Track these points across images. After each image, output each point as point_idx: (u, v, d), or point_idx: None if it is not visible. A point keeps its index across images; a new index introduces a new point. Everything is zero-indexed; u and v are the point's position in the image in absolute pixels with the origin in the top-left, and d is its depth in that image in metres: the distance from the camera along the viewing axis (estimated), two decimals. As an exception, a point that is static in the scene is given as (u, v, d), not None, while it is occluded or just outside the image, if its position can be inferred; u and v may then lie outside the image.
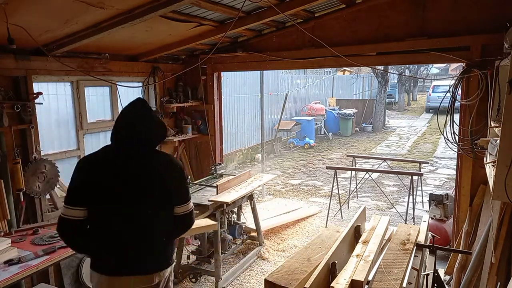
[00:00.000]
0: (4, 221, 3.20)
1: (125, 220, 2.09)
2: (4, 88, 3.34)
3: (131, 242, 2.12)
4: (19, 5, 2.55)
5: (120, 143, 2.18)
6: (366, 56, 4.33)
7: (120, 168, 2.11)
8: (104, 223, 2.10)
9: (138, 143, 2.15)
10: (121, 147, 2.17)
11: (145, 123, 2.16)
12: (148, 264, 2.15)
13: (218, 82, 5.53)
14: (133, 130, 2.15)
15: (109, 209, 2.08)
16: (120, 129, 2.17)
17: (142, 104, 2.22)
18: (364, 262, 2.25)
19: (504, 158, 1.99)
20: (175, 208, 2.22)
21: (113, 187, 2.07)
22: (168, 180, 2.18)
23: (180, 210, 2.23)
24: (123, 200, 2.09)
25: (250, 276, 4.44)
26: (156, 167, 2.17)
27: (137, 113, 2.18)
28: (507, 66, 2.50)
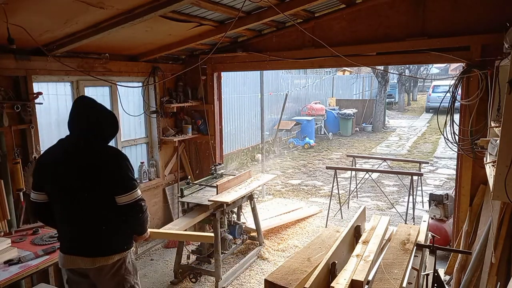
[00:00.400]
0: (4, 221, 3.20)
1: (63, 207, 2.37)
2: (4, 88, 3.34)
3: (70, 227, 2.39)
4: (19, 5, 2.55)
5: (67, 136, 2.43)
6: (366, 56, 4.33)
7: (59, 159, 2.35)
8: (53, 207, 2.40)
9: (76, 137, 2.38)
10: (66, 140, 2.42)
11: (84, 122, 2.36)
12: (90, 248, 2.36)
13: (218, 82, 5.53)
14: (72, 125, 2.39)
15: (52, 195, 2.38)
16: (69, 124, 2.41)
17: (84, 103, 2.43)
18: (364, 262, 2.25)
19: (504, 158, 1.99)
20: (116, 198, 2.31)
21: (51, 177, 2.34)
22: (101, 172, 2.30)
23: (121, 200, 2.31)
24: (59, 188, 2.34)
25: (250, 276, 4.44)
26: (90, 160, 2.32)
27: (77, 110, 2.39)
28: (507, 66, 2.50)
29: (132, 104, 4.91)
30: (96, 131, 2.38)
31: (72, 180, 2.31)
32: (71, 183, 2.31)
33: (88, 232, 2.37)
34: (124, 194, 2.31)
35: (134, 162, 5.02)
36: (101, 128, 2.40)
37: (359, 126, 15.90)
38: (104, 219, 2.37)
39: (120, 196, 2.30)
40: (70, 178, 2.31)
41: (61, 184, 2.33)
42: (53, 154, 2.40)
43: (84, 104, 2.41)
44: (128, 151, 4.94)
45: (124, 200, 2.31)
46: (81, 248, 2.37)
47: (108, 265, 2.38)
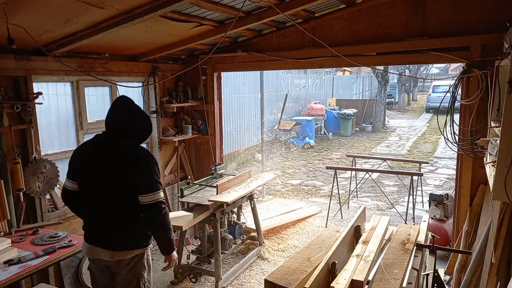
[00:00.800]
0: (4, 221, 3.20)
1: (89, 198, 2.55)
2: (4, 88, 3.34)
3: (95, 218, 2.57)
4: (19, 5, 2.55)
5: (103, 132, 2.58)
6: (366, 56, 4.33)
7: (89, 152, 2.55)
8: (81, 198, 2.59)
9: (110, 134, 2.53)
10: (101, 135, 2.57)
11: (119, 120, 2.51)
12: (111, 241, 2.52)
13: (218, 82, 5.53)
14: (107, 122, 2.53)
15: (81, 185, 2.57)
16: (105, 121, 2.55)
17: (122, 102, 2.56)
18: (364, 262, 2.25)
19: (504, 158, 1.99)
20: (139, 197, 2.43)
21: (81, 168, 2.54)
22: (126, 170, 2.45)
23: (143, 200, 2.43)
24: (86, 179, 2.54)
25: (250, 276, 4.44)
26: (117, 158, 2.47)
27: (114, 108, 2.55)
28: (507, 66, 2.50)
29: (132, 104, 4.90)
30: (127, 130, 2.50)
31: (98, 174, 2.47)
32: (97, 176, 2.48)
33: (110, 225, 2.52)
34: (145, 194, 2.42)
35: (134, 162, 5.01)
36: (132, 127, 2.51)
37: (359, 126, 15.90)
38: (125, 215, 2.51)
39: (142, 196, 2.42)
40: (96, 171, 2.48)
41: (88, 176, 2.51)
42: (86, 146, 2.60)
43: (121, 103, 2.55)
44: (128, 151, 4.93)
45: (145, 200, 2.43)
46: (103, 240, 2.53)
47: (126, 260, 2.54)
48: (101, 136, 2.56)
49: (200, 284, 4.28)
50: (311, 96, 15.62)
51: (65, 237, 3.07)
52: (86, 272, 3.97)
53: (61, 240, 3.02)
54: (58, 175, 3.75)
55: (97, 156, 2.49)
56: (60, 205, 3.86)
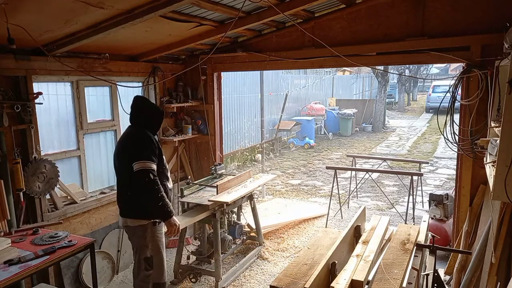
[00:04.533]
0: (4, 221, 3.20)
1: (116, 173, 3.30)
2: (4, 88, 3.34)
3: (117, 191, 3.30)
4: (19, 5, 2.55)
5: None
6: (366, 56, 4.33)
7: (120, 138, 3.37)
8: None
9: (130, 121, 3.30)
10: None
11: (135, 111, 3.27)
12: (123, 209, 3.21)
13: (218, 82, 5.53)
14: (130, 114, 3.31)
15: (114, 163, 3.31)
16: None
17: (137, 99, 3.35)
18: (364, 262, 2.25)
19: (504, 158, 1.99)
20: (133, 166, 2.96)
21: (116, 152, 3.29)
22: (127, 146, 3.12)
23: (134, 168, 2.96)
24: (114, 157, 3.27)
25: (250, 276, 4.44)
26: (123, 138, 3.25)
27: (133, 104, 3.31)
28: (507, 66, 2.50)
29: (132, 104, 4.90)
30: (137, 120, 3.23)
31: (117, 155, 3.20)
32: (117, 158, 3.21)
33: (122, 196, 3.19)
34: (136, 161, 2.95)
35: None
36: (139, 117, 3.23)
37: (359, 126, 15.90)
38: (130, 185, 3.07)
39: (134, 164, 2.95)
40: (116, 154, 3.22)
41: (114, 158, 3.25)
42: (119, 138, 3.36)
43: (135, 101, 3.29)
44: (128, 151, 4.93)
45: (136, 167, 2.95)
46: (120, 209, 3.23)
47: (132, 227, 3.14)
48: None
49: (200, 284, 4.28)
50: (311, 96, 15.63)
51: (65, 237, 3.06)
52: (86, 271, 3.97)
53: (61, 240, 3.01)
54: (58, 175, 3.75)
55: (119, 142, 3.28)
56: (60, 205, 3.86)
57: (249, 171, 5.11)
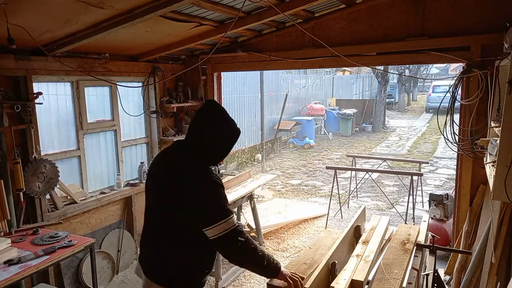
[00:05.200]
0: (4, 221, 3.20)
1: (149, 209, 2.14)
2: (4, 88, 3.34)
3: (144, 244, 2.17)
4: (19, 5, 2.55)
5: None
6: (366, 56, 4.33)
7: (156, 169, 2.15)
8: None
9: (189, 140, 2.08)
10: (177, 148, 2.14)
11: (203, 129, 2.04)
12: (151, 271, 2.08)
13: (218, 82, 5.53)
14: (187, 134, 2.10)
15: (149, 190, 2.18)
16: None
17: (215, 107, 2.10)
18: (364, 262, 2.25)
19: (504, 158, 1.99)
20: (205, 231, 1.92)
21: (147, 187, 2.17)
22: (181, 196, 1.94)
23: (209, 234, 1.90)
24: (148, 199, 2.15)
25: (250, 276, 4.44)
26: (179, 178, 1.98)
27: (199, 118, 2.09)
28: (507, 66, 2.50)
29: (132, 104, 4.91)
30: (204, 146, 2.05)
31: (165, 194, 2.06)
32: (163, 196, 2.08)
33: (155, 254, 2.10)
34: (211, 226, 1.90)
35: (134, 162, 5.02)
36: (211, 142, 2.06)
37: (359, 126, 15.90)
38: (171, 245, 2.04)
39: (208, 228, 1.91)
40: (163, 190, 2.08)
41: (149, 196, 2.19)
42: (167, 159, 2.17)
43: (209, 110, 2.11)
44: (128, 151, 4.94)
45: (213, 233, 1.91)
46: (146, 268, 2.13)
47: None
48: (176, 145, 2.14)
49: (200, 284, 4.27)
50: (311, 96, 15.63)
51: (65, 237, 3.07)
52: (86, 272, 3.97)
53: (61, 240, 3.02)
54: (58, 175, 3.76)
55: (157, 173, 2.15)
56: (60, 205, 3.86)
57: (249, 171, 5.11)
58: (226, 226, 1.90)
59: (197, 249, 2.04)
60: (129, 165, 4.97)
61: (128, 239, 4.67)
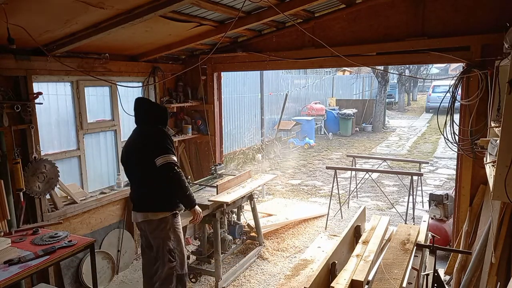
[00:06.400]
0: (4, 221, 3.20)
1: (128, 174, 3.42)
2: (4, 88, 3.34)
3: (132, 188, 3.44)
4: (19, 5, 2.55)
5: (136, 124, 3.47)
6: (366, 56, 4.33)
7: (129, 141, 3.43)
8: (126, 175, 3.48)
9: (137, 122, 3.42)
10: (134, 129, 3.47)
11: (142, 112, 3.39)
12: (142, 204, 3.29)
13: (218, 82, 5.53)
14: (136, 116, 3.43)
15: (125, 166, 3.43)
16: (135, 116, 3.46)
17: (141, 100, 3.51)
18: (364, 262, 2.25)
19: (504, 158, 1.99)
20: (155, 161, 3.09)
21: (124, 153, 3.41)
22: (147, 143, 3.21)
23: (158, 162, 3.09)
24: (127, 161, 3.37)
25: (250, 276, 4.44)
26: (139, 136, 3.33)
27: (136, 107, 3.42)
28: (507, 66, 2.50)
29: (132, 104, 4.89)
30: (147, 119, 3.35)
31: (133, 153, 3.28)
32: (132, 156, 3.29)
33: (141, 191, 3.30)
34: (159, 156, 3.08)
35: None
36: (148, 117, 3.35)
37: (359, 126, 15.90)
38: (150, 180, 3.20)
39: (157, 159, 3.08)
40: (131, 152, 3.30)
41: (127, 157, 3.34)
42: (129, 138, 3.44)
43: (139, 103, 3.41)
44: (128, 151, 4.93)
45: (160, 161, 3.08)
46: (138, 204, 3.31)
47: (155, 221, 3.22)
48: (134, 129, 3.43)
49: (200, 284, 4.28)
50: (311, 96, 15.63)
51: (65, 237, 3.06)
52: (86, 271, 3.97)
53: (61, 240, 3.01)
54: (58, 175, 3.75)
55: (132, 141, 3.36)
56: (60, 205, 3.86)
57: (249, 171, 5.11)
58: (168, 158, 3.11)
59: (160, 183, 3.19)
60: (129, 165, 4.96)
61: (128, 239, 4.67)
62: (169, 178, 3.13)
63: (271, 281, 4.32)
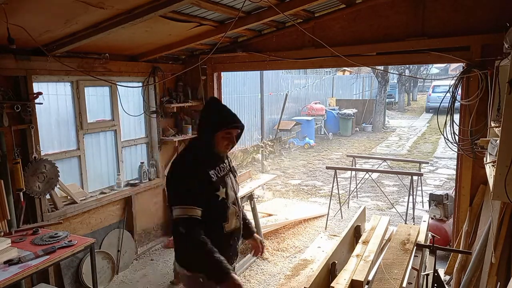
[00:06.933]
0: (4, 221, 3.20)
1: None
2: (4, 88, 3.34)
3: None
4: (19, 5, 2.55)
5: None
6: (366, 56, 4.33)
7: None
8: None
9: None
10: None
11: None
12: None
13: (218, 82, 5.53)
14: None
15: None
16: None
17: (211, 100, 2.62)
18: (364, 262, 2.25)
19: (504, 158, 1.99)
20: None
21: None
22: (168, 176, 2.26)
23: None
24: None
25: (250, 276, 4.44)
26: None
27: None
28: (507, 66, 2.50)
29: (132, 104, 4.91)
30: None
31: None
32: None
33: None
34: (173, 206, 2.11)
35: (134, 162, 5.02)
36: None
37: (359, 126, 15.89)
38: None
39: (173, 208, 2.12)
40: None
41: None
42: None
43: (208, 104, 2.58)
44: (128, 151, 4.94)
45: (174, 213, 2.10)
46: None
47: (184, 276, 2.27)
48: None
49: (200, 284, 4.27)
50: (311, 96, 15.62)
51: (65, 237, 3.07)
52: (86, 272, 3.97)
53: (61, 240, 3.02)
54: (58, 175, 3.76)
55: None
56: (60, 205, 3.86)
57: (249, 171, 5.11)
58: (180, 212, 2.06)
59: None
60: (129, 165, 4.97)
61: (128, 239, 4.67)
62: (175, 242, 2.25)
63: (271, 281, 4.32)
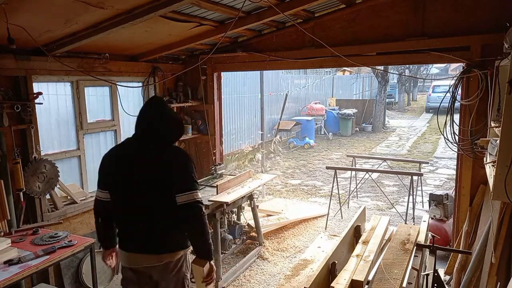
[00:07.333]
0: (4, 221, 3.20)
1: (125, 203, 2.42)
2: (4, 88, 3.34)
3: (131, 224, 2.45)
4: (19, 5, 2.55)
5: (136, 137, 2.52)
6: (366, 56, 4.33)
7: (122, 160, 2.45)
8: (114, 206, 2.47)
9: (149, 139, 2.45)
10: (136, 141, 2.50)
11: (161, 123, 2.45)
12: (150, 245, 2.41)
13: (218, 82, 5.53)
14: (147, 129, 2.47)
15: (115, 194, 2.45)
16: (137, 125, 2.50)
17: (158, 104, 2.51)
18: (364, 262, 2.25)
19: (504, 158, 1.99)
20: (176, 197, 2.31)
21: (118, 175, 2.42)
22: (167, 171, 2.35)
23: (180, 200, 2.31)
24: (124, 187, 2.40)
25: (250, 276, 4.44)
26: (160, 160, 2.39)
27: (153, 113, 2.47)
28: (507, 66, 2.50)
29: (132, 104, 4.90)
30: (154, 136, 2.45)
31: (133, 179, 2.38)
32: (132, 182, 2.39)
33: (149, 229, 2.40)
34: (182, 193, 2.31)
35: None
36: (157, 133, 2.46)
37: (359, 126, 15.89)
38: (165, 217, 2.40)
39: (179, 195, 2.31)
40: (130, 177, 2.39)
41: (122, 182, 2.41)
42: (118, 150, 2.55)
43: (156, 105, 2.52)
44: (128, 151, 4.94)
45: (181, 200, 2.31)
46: (146, 246, 2.43)
47: (174, 262, 2.46)
48: (132, 140, 2.51)
49: (200, 284, 4.27)
50: (311, 96, 15.61)
51: (65, 237, 3.07)
52: (86, 272, 3.97)
53: (61, 240, 3.01)
54: (58, 175, 3.75)
55: (130, 161, 2.42)
56: (60, 205, 3.86)
57: (249, 171, 5.11)
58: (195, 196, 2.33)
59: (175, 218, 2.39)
60: (129, 165, 4.97)
61: (128, 239, 4.67)
62: (192, 221, 2.36)
63: (271, 281, 4.32)
